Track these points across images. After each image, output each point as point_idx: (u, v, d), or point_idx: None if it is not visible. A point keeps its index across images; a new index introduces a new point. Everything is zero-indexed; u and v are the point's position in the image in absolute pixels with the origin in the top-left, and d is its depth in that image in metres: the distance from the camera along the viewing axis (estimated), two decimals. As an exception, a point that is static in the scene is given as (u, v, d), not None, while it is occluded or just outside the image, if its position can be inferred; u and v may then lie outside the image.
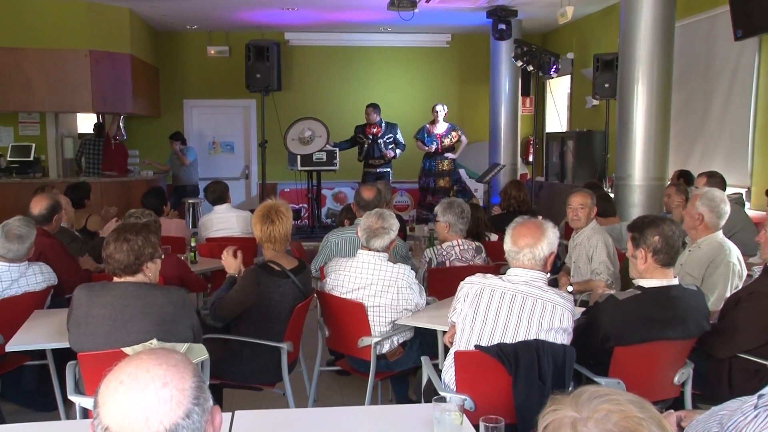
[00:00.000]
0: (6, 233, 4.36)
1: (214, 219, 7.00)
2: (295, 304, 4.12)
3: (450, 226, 5.08)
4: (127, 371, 1.42)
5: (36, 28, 10.68)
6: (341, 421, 2.78)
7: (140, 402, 1.39)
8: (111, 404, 1.39)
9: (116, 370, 1.44)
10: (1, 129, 11.79)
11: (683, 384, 3.65)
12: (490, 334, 3.20)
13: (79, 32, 10.84)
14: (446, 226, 5.09)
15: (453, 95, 13.69)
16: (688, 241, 4.57)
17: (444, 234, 5.13)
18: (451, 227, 5.08)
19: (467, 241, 5.13)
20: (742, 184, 7.79)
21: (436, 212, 5.19)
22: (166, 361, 1.45)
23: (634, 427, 1.32)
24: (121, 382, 1.41)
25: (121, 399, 1.39)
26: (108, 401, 1.40)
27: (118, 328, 3.27)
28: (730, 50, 8.00)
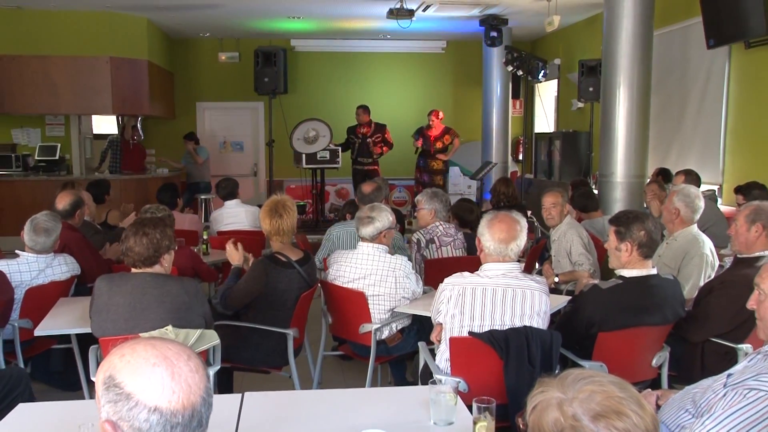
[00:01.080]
0: (34, 227, 4.39)
1: (224, 213, 7.00)
2: (301, 293, 4.12)
3: (435, 212, 5.20)
4: (149, 355, 1.41)
5: (62, 37, 10.78)
6: (344, 402, 2.78)
7: (179, 374, 1.40)
8: (153, 385, 1.38)
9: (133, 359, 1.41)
10: (29, 130, 11.89)
11: (660, 366, 3.68)
12: (479, 327, 3.21)
13: (101, 41, 10.90)
14: (431, 212, 5.20)
15: (448, 98, 13.68)
16: (666, 234, 4.59)
17: (427, 220, 5.21)
18: (436, 213, 5.20)
19: (447, 222, 5.26)
20: (715, 182, 7.82)
21: (419, 201, 5.26)
22: (171, 342, 1.47)
23: (616, 406, 1.33)
24: (154, 364, 1.40)
25: (162, 377, 1.39)
26: (147, 384, 1.38)
27: (136, 315, 3.28)
28: (703, 58, 8.06)
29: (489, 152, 12.10)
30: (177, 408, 1.37)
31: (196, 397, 1.41)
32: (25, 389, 3.66)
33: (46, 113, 11.60)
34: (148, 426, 1.36)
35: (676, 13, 8.53)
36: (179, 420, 1.38)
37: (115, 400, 1.37)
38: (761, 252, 3.72)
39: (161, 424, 1.36)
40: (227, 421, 2.49)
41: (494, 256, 3.28)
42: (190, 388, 1.40)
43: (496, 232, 3.26)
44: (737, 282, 3.62)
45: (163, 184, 7.69)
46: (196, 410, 1.40)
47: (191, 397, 1.40)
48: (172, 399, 1.37)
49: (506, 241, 3.25)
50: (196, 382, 1.42)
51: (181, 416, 1.38)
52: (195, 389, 1.41)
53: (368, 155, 11.26)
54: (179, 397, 1.38)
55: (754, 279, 2.17)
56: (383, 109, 12.50)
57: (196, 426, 1.41)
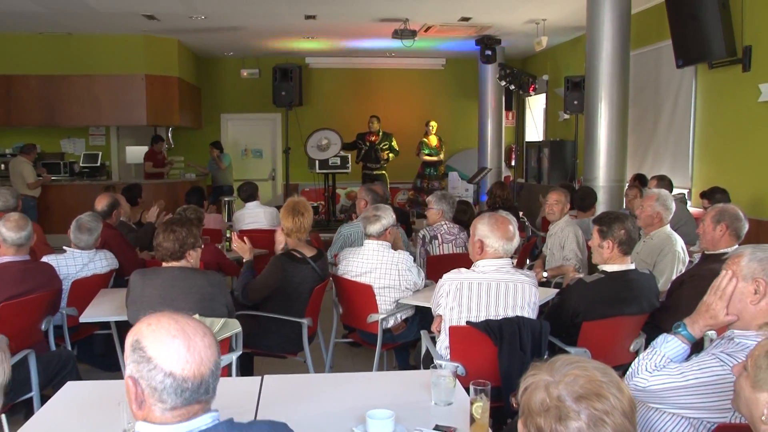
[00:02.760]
0: (79, 226, 4.44)
1: (245, 214, 7.00)
2: (314, 286, 4.11)
3: (443, 212, 5.22)
4: (171, 329, 1.50)
5: (104, 58, 10.95)
6: (353, 385, 2.77)
7: (194, 348, 1.49)
8: (171, 354, 1.48)
9: (157, 329, 1.50)
10: (75, 140, 12.09)
11: (637, 351, 3.65)
12: (476, 317, 3.20)
13: (137, 60, 11.03)
14: (439, 212, 5.20)
15: (447, 110, 13.66)
16: (643, 233, 4.59)
17: (435, 219, 5.22)
18: (443, 214, 5.21)
19: (451, 223, 5.26)
20: (685, 186, 7.86)
21: (429, 201, 5.27)
22: (191, 319, 1.57)
23: (597, 389, 1.33)
24: (174, 336, 1.49)
25: (179, 348, 1.48)
26: (166, 352, 1.48)
27: (166, 305, 3.24)
28: (673, 76, 8.12)
29: (484, 158, 12.10)
30: (188, 375, 1.47)
31: (206, 369, 1.50)
32: (73, 369, 3.73)
33: (89, 125, 11.78)
34: (162, 387, 1.46)
35: (650, 36, 8.58)
36: (189, 386, 1.47)
37: (138, 361, 1.48)
38: (726, 249, 3.73)
39: (173, 387, 1.46)
40: (249, 401, 2.49)
41: (500, 253, 3.26)
42: (202, 360, 1.50)
43: (503, 233, 3.26)
44: (705, 275, 3.60)
45: (191, 187, 7.71)
46: (204, 379, 1.50)
47: (202, 368, 1.49)
48: (185, 367, 1.47)
49: (511, 239, 3.28)
50: (208, 356, 1.51)
51: (191, 383, 1.48)
52: (206, 362, 1.50)
53: (376, 161, 11.32)
54: (191, 367, 1.48)
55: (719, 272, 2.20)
56: (389, 119, 12.48)
57: (204, 392, 1.50)
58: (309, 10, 9.12)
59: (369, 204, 5.43)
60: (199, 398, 1.50)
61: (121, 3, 8.55)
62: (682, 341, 2.14)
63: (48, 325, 4.00)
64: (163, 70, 11.17)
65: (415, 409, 2.41)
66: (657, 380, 2.08)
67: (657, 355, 2.13)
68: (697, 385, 2.02)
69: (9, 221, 3.84)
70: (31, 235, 3.91)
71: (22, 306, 3.70)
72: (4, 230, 3.81)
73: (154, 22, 9.71)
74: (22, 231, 3.83)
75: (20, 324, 3.70)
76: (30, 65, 10.79)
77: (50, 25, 9.99)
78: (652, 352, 2.15)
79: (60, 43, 10.79)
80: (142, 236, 5.58)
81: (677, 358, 2.12)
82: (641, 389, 2.09)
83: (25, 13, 9.04)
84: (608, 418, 1.30)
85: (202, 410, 1.52)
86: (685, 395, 2.04)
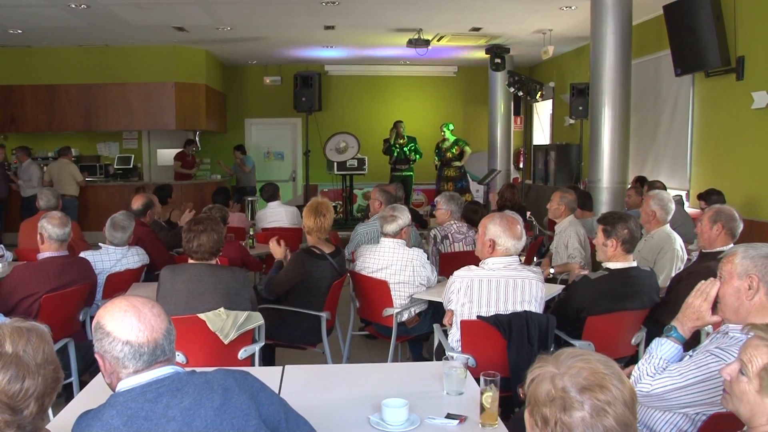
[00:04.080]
0: (113, 224, 4.48)
1: (267, 213, 7.00)
2: (333, 281, 4.11)
3: (451, 213, 5.20)
4: (123, 306, 1.66)
5: (136, 67, 11.05)
6: (369, 375, 2.78)
7: (144, 318, 1.65)
8: (124, 326, 1.63)
9: (111, 309, 1.66)
10: (110, 144, 12.23)
11: (638, 344, 3.64)
12: (485, 312, 3.19)
13: (167, 69, 11.12)
14: (448, 213, 5.19)
15: (458, 115, 13.62)
16: (644, 232, 4.56)
17: (444, 219, 5.21)
18: (452, 214, 5.20)
19: (460, 222, 5.23)
20: (683, 188, 7.81)
21: (438, 202, 5.26)
22: (140, 297, 1.72)
23: (600, 381, 1.33)
24: (125, 311, 1.65)
25: (131, 320, 1.64)
26: (120, 325, 1.63)
27: (194, 299, 3.28)
28: (672, 84, 8.09)
29: (494, 161, 12.08)
30: (143, 341, 1.63)
31: (158, 334, 1.65)
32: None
33: (123, 130, 11.89)
34: (123, 355, 1.62)
35: (650, 46, 8.54)
36: (145, 350, 1.63)
37: (100, 338, 1.65)
38: (722, 247, 3.71)
39: (131, 353, 1.62)
40: (271, 390, 2.49)
41: (510, 251, 3.25)
42: (153, 327, 1.65)
43: (513, 233, 3.25)
44: (702, 273, 3.56)
45: (216, 187, 7.77)
46: (158, 343, 1.65)
47: (154, 334, 1.65)
48: (139, 335, 1.63)
49: (519, 239, 3.28)
50: (158, 323, 1.67)
51: (146, 347, 1.63)
52: (157, 328, 1.66)
53: (405, 162, 11.35)
54: (144, 334, 1.63)
55: (716, 269, 2.21)
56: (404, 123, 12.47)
57: (161, 354, 1.65)
58: (328, 21, 9.14)
59: (383, 204, 5.43)
60: (157, 359, 1.64)
61: (153, 16, 8.61)
62: (675, 342, 2.18)
63: (85, 316, 4.05)
64: (191, 78, 11.24)
65: (428, 398, 2.41)
66: (660, 383, 2.09)
67: (654, 358, 2.16)
68: (696, 383, 2.02)
69: (53, 219, 3.90)
70: (70, 232, 3.97)
71: (62, 298, 3.75)
72: (49, 227, 3.87)
73: (183, 33, 9.77)
74: (64, 228, 3.90)
75: (60, 315, 3.75)
76: (70, 75, 10.96)
77: (89, 38, 10.11)
78: (650, 357, 2.18)
79: (97, 55, 10.93)
80: (173, 237, 5.62)
81: (673, 358, 2.16)
82: (646, 394, 2.11)
83: (67, 28, 9.16)
84: (610, 408, 1.31)
85: (162, 367, 1.66)
86: (686, 394, 2.04)
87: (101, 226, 4.62)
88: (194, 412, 1.60)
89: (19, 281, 3.70)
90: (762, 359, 1.55)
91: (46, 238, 3.89)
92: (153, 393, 1.60)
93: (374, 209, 5.63)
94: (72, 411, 2.28)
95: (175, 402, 1.60)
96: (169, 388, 1.62)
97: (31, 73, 10.87)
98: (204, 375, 1.69)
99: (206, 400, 1.62)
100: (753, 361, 1.57)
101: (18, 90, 10.91)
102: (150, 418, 1.57)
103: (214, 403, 1.62)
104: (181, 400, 1.60)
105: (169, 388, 1.62)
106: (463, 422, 2.21)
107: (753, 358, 1.57)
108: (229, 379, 1.69)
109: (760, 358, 1.56)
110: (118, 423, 1.55)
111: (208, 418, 1.60)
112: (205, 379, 1.67)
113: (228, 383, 1.68)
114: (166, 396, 1.60)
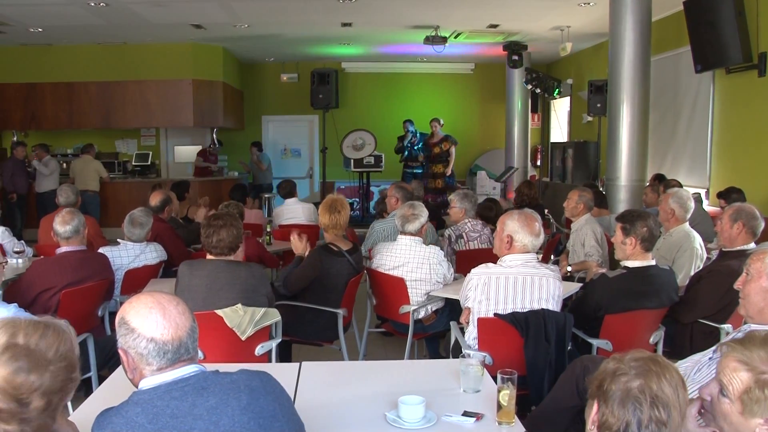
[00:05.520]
0: (132, 221, 4.51)
1: (284, 210, 7.02)
2: (350, 278, 4.12)
3: (465, 211, 5.14)
4: (148, 302, 1.66)
5: (154, 65, 11.12)
6: (385, 372, 2.77)
7: (169, 315, 1.65)
8: (149, 323, 1.63)
9: (137, 305, 1.66)
10: (128, 141, 12.32)
11: (656, 343, 3.60)
12: (503, 310, 3.17)
13: (185, 66, 11.17)
14: (462, 211, 5.13)
15: (476, 112, 13.58)
16: (663, 230, 4.52)
17: (458, 217, 5.15)
18: (466, 212, 5.14)
19: (474, 220, 5.17)
20: (702, 186, 7.73)
21: (452, 200, 5.22)
22: (165, 293, 1.72)
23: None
24: (151, 308, 1.65)
25: (157, 318, 1.64)
26: (145, 322, 1.63)
27: (212, 295, 3.28)
28: (691, 81, 8.00)
29: (511, 158, 12.01)
30: (167, 339, 1.63)
31: (183, 332, 1.66)
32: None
33: (141, 127, 11.97)
34: (147, 352, 1.63)
35: (670, 42, 8.45)
36: (169, 348, 1.63)
37: (124, 334, 1.65)
38: (743, 246, 3.66)
39: (155, 351, 1.63)
40: (287, 385, 2.45)
41: (527, 248, 3.24)
42: (178, 325, 1.65)
43: (531, 229, 3.24)
44: (722, 271, 3.58)
45: (234, 184, 7.81)
46: (182, 342, 1.65)
47: (179, 332, 1.65)
48: (164, 332, 1.63)
49: (538, 236, 3.26)
50: (183, 321, 1.67)
51: (171, 345, 1.64)
52: (182, 326, 1.66)
53: (415, 159, 11.31)
54: (169, 332, 1.64)
55: (736, 268, 2.15)
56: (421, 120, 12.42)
57: (184, 352, 1.66)
58: (345, 18, 9.14)
59: (400, 201, 5.41)
60: (180, 357, 1.65)
61: (171, 14, 8.67)
62: None
63: (104, 312, 4.09)
64: (208, 75, 11.30)
65: (445, 395, 2.40)
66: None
67: None
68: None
69: (58, 216, 3.98)
70: (78, 227, 3.97)
71: (81, 294, 3.79)
72: (54, 225, 3.96)
73: (201, 31, 9.82)
74: (67, 225, 3.93)
75: (80, 310, 3.79)
76: (89, 73, 11.05)
77: (108, 36, 10.20)
78: None
79: (116, 52, 11.02)
80: (190, 233, 5.65)
81: None
82: None
83: (87, 26, 9.25)
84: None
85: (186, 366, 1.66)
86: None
87: (119, 222, 4.65)
88: (221, 411, 1.60)
89: (38, 275, 3.76)
90: (742, 381, 1.52)
91: (53, 236, 3.99)
92: (178, 391, 1.61)
93: (391, 206, 5.63)
94: (91, 405, 2.31)
95: (200, 401, 1.60)
96: (194, 387, 1.62)
97: (51, 71, 10.99)
98: (229, 375, 1.69)
99: (233, 400, 1.62)
100: (733, 383, 1.53)
101: (38, 88, 11.05)
102: (176, 416, 1.57)
103: (241, 402, 1.63)
104: (206, 399, 1.61)
105: (195, 387, 1.62)
106: (479, 420, 2.20)
107: (733, 380, 1.53)
108: (255, 380, 1.70)
109: (739, 380, 1.52)
110: (143, 420, 1.56)
111: (235, 417, 1.60)
112: (231, 379, 1.68)
113: (254, 384, 1.69)
114: (192, 395, 1.61)
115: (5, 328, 1.46)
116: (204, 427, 1.57)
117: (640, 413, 1.39)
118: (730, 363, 1.55)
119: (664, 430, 1.39)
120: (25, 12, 8.41)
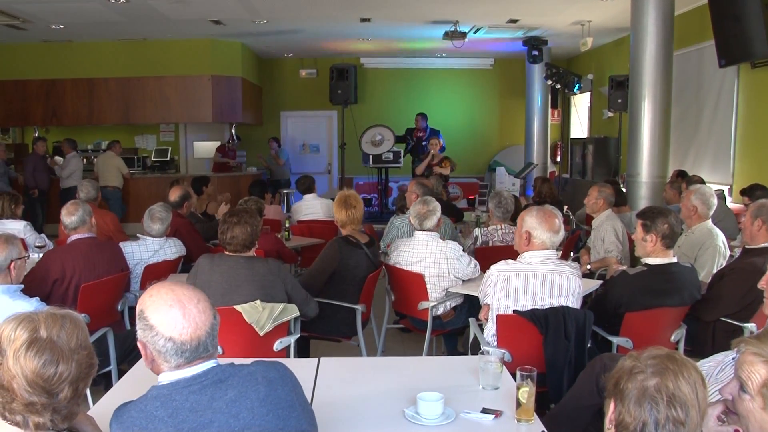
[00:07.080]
0: (151, 216, 4.55)
1: (303, 206, 7.03)
2: (368, 273, 4.12)
3: (495, 216, 5.07)
4: (168, 299, 1.63)
5: (174, 60, 11.21)
6: (404, 368, 2.77)
7: (189, 314, 1.63)
8: (168, 322, 1.61)
9: (156, 300, 1.64)
10: (147, 137, 12.41)
11: (678, 342, 3.57)
12: (522, 307, 3.16)
13: (204, 62, 11.24)
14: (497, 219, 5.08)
15: (495, 107, 13.52)
16: (685, 227, 4.47)
17: (494, 222, 5.11)
18: (496, 217, 5.07)
19: (508, 225, 5.08)
20: (726, 182, 7.65)
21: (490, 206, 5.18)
22: (187, 288, 1.68)
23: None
24: (170, 305, 1.63)
25: (175, 316, 1.62)
26: (164, 320, 1.61)
27: (231, 290, 3.30)
28: (715, 75, 7.91)
29: (531, 154, 11.96)
30: (186, 339, 1.61)
31: (202, 332, 1.63)
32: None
33: (160, 122, 12.06)
34: (165, 350, 1.61)
35: (693, 36, 8.35)
36: (188, 347, 1.61)
37: (143, 329, 1.64)
38: (765, 243, 3.62)
39: (174, 350, 1.61)
40: (306, 381, 2.49)
41: (546, 244, 3.22)
42: (197, 325, 1.63)
43: (550, 225, 3.21)
44: (745, 269, 3.54)
45: (253, 180, 7.84)
46: (201, 341, 1.63)
47: (198, 331, 1.63)
48: (183, 332, 1.61)
49: (557, 232, 3.23)
50: (203, 320, 1.64)
51: (189, 345, 1.62)
52: (201, 326, 1.63)
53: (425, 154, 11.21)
54: (188, 331, 1.62)
55: (760, 265, 2.11)
56: (439, 116, 12.44)
57: (203, 351, 1.64)
58: (364, 14, 9.14)
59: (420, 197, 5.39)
60: (199, 356, 1.64)
61: (190, 10, 8.72)
62: None
63: (123, 306, 4.14)
64: (227, 71, 11.36)
65: (464, 392, 2.40)
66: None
67: None
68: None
69: (64, 209, 4.07)
70: (83, 217, 4.04)
71: (99, 287, 3.84)
72: (62, 218, 4.06)
73: (220, 26, 9.88)
74: (73, 215, 4.02)
75: (99, 305, 3.84)
76: (109, 69, 11.18)
77: (128, 32, 10.30)
78: None
79: (136, 48, 11.13)
80: (209, 229, 5.70)
81: None
82: None
83: (107, 22, 9.35)
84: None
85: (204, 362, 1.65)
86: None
87: (139, 217, 4.70)
88: (240, 403, 1.62)
89: (50, 263, 3.85)
90: (761, 375, 1.51)
91: (63, 229, 4.09)
92: (197, 386, 1.62)
93: (411, 202, 5.61)
94: (111, 399, 2.33)
95: (219, 394, 1.62)
96: (212, 381, 1.63)
97: (72, 67, 11.12)
98: (246, 367, 1.70)
99: (251, 392, 1.64)
100: (752, 377, 1.52)
101: (59, 84, 11.19)
102: (195, 410, 1.59)
103: (260, 394, 1.64)
104: (225, 392, 1.62)
105: (213, 381, 1.63)
106: (498, 417, 2.20)
107: (751, 375, 1.52)
108: (271, 371, 1.72)
109: (758, 374, 1.51)
110: (163, 414, 1.58)
111: (254, 409, 1.62)
112: (248, 371, 1.69)
113: (271, 375, 1.70)
114: (210, 388, 1.62)
115: (25, 323, 1.48)
116: (224, 420, 1.59)
117: (657, 413, 1.38)
118: (747, 358, 1.54)
119: (681, 429, 1.37)
120: (47, 9, 8.52)
